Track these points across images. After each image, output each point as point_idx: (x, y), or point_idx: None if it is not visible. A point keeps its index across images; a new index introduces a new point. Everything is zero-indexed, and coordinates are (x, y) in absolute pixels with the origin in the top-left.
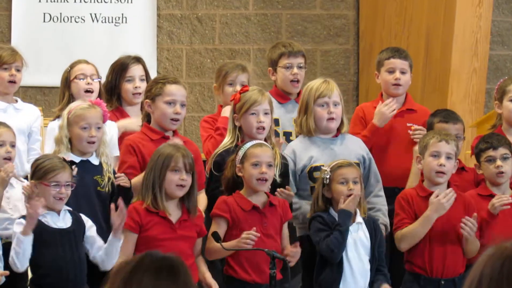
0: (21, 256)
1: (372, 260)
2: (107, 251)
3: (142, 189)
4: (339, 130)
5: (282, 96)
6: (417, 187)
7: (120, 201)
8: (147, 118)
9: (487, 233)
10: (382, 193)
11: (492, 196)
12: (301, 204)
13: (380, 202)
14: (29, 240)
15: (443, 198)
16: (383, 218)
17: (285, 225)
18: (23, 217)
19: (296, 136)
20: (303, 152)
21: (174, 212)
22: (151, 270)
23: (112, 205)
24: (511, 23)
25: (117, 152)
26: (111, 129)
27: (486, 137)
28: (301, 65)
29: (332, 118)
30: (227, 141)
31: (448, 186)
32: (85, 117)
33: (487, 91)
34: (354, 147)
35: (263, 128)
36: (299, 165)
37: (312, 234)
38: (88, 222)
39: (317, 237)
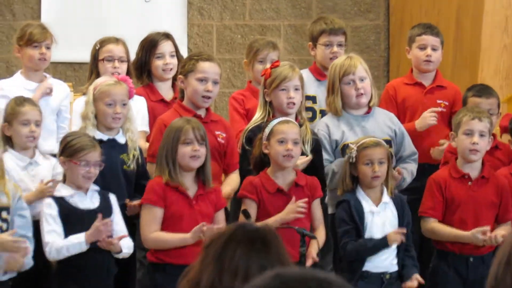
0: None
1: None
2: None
3: (157, 165)
4: (369, 106)
5: (321, 73)
6: (450, 167)
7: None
8: (181, 94)
9: None
10: (416, 161)
11: None
12: (333, 170)
13: (411, 167)
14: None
15: None
16: (407, 181)
17: (316, 204)
18: (51, 197)
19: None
20: (335, 128)
21: (191, 187)
22: (244, 242)
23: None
24: None
25: (146, 127)
26: (140, 104)
27: None
28: (341, 43)
29: (361, 94)
30: (257, 116)
31: (483, 165)
32: (110, 94)
33: None
34: (385, 123)
35: (294, 104)
36: (332, 139)
37: (337, 223)
38: (115, 203)
39: (340, 229)
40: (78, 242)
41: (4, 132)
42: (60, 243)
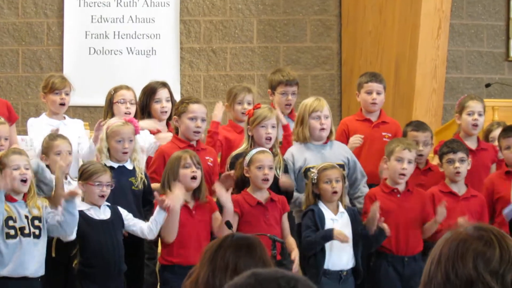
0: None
1: (354, 241)
2: (156, 219)
3: (161, 187)
4: (328, 138)
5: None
6: (381, 185)
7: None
8: (175, 130)
9: (447, 222)
10: (366, 185)
11: (451, 193)
12: (299, 196)
13: (365, 191)
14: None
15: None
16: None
17: (285, 217)
18: None
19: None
20: (299, 155)
21: (190, 201)
22: (233, 246)
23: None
24: (463, 51)
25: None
26: (148, 138)
27: (448, 143)
28: (295, 92)
29: (323, 128)
30: (242, 147)
31: (406, 184)
32: (119, 133)
33: (444, 107)
34: (340, 151)
35: (270, 139)
36: (296, 166)
37: (302, 228)
38: (124, 212)
39: (304, 232)
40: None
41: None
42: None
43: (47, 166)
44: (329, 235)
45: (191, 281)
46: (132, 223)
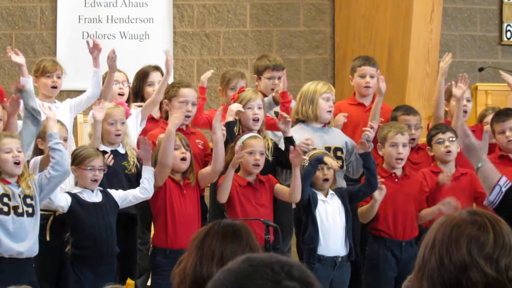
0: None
1: (347, 219)
2: (145, 177)
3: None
4: (328, 122)
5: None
6: (378, 169)
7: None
8: (165, 114)
9: (437, 202)
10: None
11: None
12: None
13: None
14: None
15: None
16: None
17: (277, 185)
18: (68, 192)
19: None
20: (300, 137)
21: (181, 181)
22: (220, 233)
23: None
24: (456, 36)
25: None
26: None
27: (436, 125)
28: (280, 76)
29: (330, 111)
30: None
31: (403, 168)
32: (111, 115)
33: None
34: (339, 136)
35: (258, 120)
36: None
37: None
38: (114, 193)
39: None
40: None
41: (38, 146)
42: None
43: (42, 151)
44: (320, 159)
45: (180, 269)
46: (123, 195)
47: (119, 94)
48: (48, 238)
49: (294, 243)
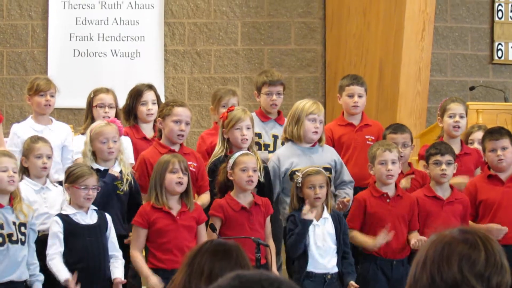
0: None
1: (338, 246)
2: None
3: (149, 191)
4: (317, 142)
5: (264, 115)
6: (371, 188)
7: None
8: (159, 133)
9: (431, 225)
10: (352, 188)
11: (435, 197)
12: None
13: (350, 193)
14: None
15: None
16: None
17: (268, 220)
18: (58, 215)
19: (282, 143)
20: (286, 158)
21: (175, 207)
22: (210, 251)
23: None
24: (447, 54)
25: (132, 160)
26: (127, 142)
27: (437, 144)
28: (280, 92)
29: (316, 132)
30: (217, 151)
31: (396, 186)
32: (103, 133)
33: (428, 110)
34: (327, 155)
35: (246, 140)
36: (282, 168)
37: (286, 232)
38: (110, 222)
39: (287, 236)
40: (61, 275)
41: (22, 164)
42: (54, 263)
43: (26, 169)
44: (304, 222)
45: (172, 287)
46: (111, 239)
47: (104, 118)
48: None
49: (284, 261)
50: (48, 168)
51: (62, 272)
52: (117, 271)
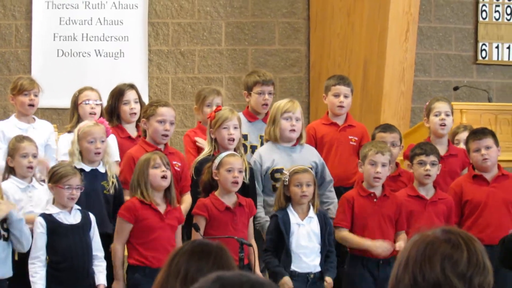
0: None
1: (322, 245)
2: None
3: (131, 189)
4: (297, 140)
5: (252, 116)
6: (358, 188)
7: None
8: (144, 133)
9: (414, 225)
10: (333, 189)
11: (418, 196)
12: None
13: (332, 196)
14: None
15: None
16: (333, 211)
17: (251, 221)
18: (41, 215)
19: (264, 143)
20: (267, 156)
21: (161, 204)
22: (188, 252)
23: None
24: (431, 54)
25: (117, 158)
26: (112, 141)
27: (422, 144)
28: (271, 91)
29: (294, 130)
30: (206, 151)
31: (383, 185)
32: (91, 133)
33: (412, 110)
34: (308, 155)
35: (233, 140)
36: (264, 167)
37: (266, 232)
38: (93, 221)
39: (267, 236)
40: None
41: (8, 164)
42: (34, 271)
43: (12, 168)
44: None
45: (153, 286)
46: (94, 238)
47: (90, 114)
48: (16, 258)
49: None
50: (34, 167)
51: (37, 286)
52: (101, 276)
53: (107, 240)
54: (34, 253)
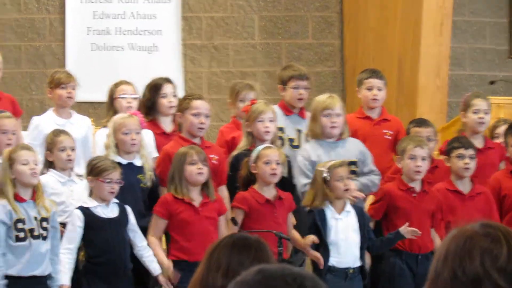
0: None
1: (362, 240)
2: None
3: (168, 184)
4: (341, 135)
5: (288, 109)
6: (397, 181)
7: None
8: (179, 127)
9: (453, 220)
10: (370, 177)
11: (456, 191)
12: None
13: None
14: None
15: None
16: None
17: (290, 215)
18: (79, 207)
19: (306, 140)
20: (313, 152)
21: (197, 198)
22: (228, 245)
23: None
24: (466, 48)
25: (155, 154)
26: (148, 136)
27: (460, 138)
28: (307, 86)
29: (334, 126)
30: (242, 145)
31: (422, 180)
32: (126, 125)
33: (448, 104)
34: (353, 148)
35: (269, 132)
36: (311, 160)
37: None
38: (131, 214)
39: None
40: (61, 277)
41: (47, 158)
42: (63, 262)
43: (51, 162)
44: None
45: (192, 280)
46: (133, 231)
47: (127, 107)
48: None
49: None
50: (72, 160)
51: (63, 275)
52: (155, 266)
53: (144, 235)
54: (66, 244)
